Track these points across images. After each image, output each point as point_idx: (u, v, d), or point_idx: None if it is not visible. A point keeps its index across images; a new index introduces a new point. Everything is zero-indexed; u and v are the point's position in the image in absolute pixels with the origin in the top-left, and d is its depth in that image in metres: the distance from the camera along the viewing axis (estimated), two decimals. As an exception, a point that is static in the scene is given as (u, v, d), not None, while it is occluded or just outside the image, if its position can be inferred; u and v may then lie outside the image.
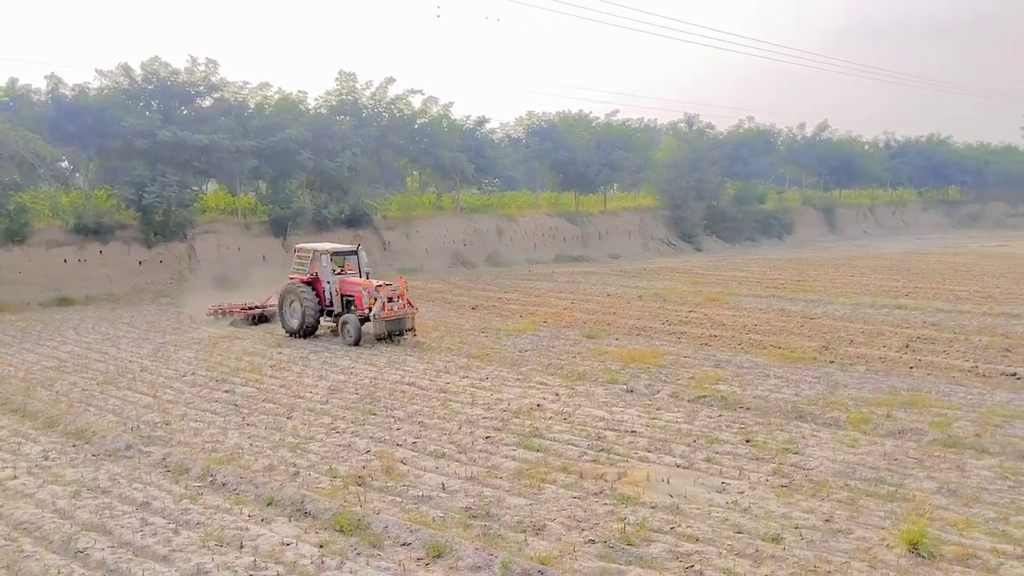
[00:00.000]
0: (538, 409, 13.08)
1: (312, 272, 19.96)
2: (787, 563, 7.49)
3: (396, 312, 18.84)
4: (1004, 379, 14.94)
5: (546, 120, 48.68)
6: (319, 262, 20.02)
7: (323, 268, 19.91)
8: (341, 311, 19.57)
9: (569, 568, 7.42)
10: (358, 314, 18.96)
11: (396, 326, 18.91)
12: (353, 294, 19.45)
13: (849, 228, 63.37)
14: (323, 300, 19.86)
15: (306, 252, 20.42)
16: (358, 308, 19.16)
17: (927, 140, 76.05)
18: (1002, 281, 30.04)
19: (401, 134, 39.72)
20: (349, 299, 19.58)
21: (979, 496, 9.20)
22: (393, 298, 18.78)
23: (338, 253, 20.66)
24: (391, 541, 8.14)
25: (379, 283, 18.99)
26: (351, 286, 19.61)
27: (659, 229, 50.46)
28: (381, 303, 18.56)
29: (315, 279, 19.95)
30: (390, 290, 18.76)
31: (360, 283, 19.43)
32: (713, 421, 12.33)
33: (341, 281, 19.85)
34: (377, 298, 18.59)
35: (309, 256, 20.19)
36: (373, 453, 10.90)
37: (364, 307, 18.92)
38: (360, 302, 19.16)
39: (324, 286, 19.88)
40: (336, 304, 19.72)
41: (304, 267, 20.20)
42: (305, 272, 20.08)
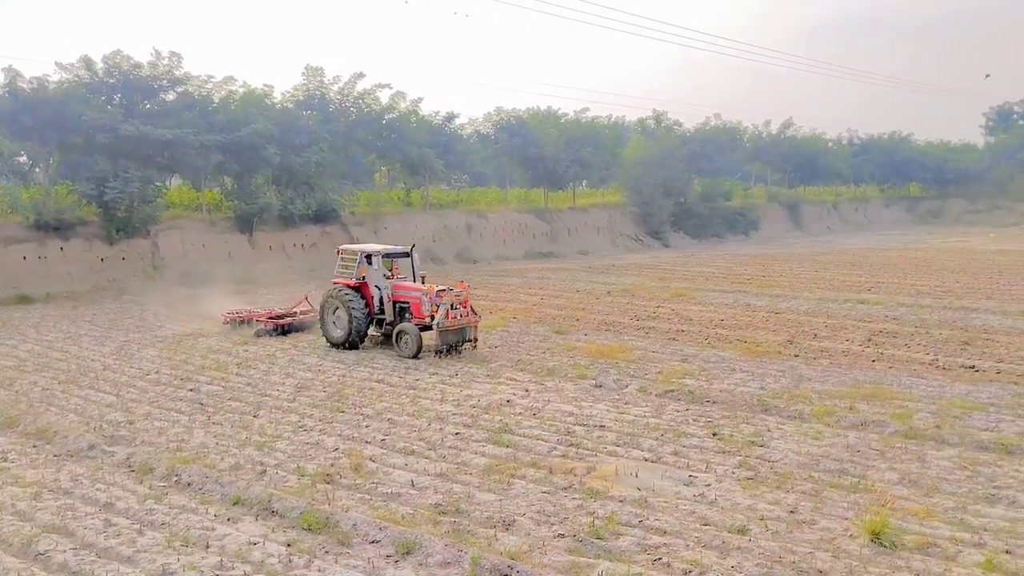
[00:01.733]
0: (508, 405, 13.10)
1: (359, 276, 17.87)
2: (753, 554, 7.60)
3: (459, 321, 16.90)
4: (963, 372, 15.29)
5: (515, 116, 48.69)
6: (368, 265, 17.95)
7: (373, 271, 17.92)
8: (394, 319, 17.58)
9: (539, 563, 7.45)
10: (414, 322, 17.03)
11: (458, 336, 17.01)
12: (408, 300, 17.38)
13: (813, 224, 64.31)
14: (372, 307, 17.86)
15: (352, 253, 18.23)
16: (414, 316, 17.14)
17: (889, 138, 77.43)
18: (961, 276, 30.73)
19: (369, 129, 39.46)
20: (403, 306, 17.53)
21: (939, 486, 9.41)
22: (455, 305, 16.82)
23: (390, 255, 18.38)
24: (360, 539, 8.10)
25: (440, 288, 17.10)
26: (406, 291, 17.55)
27: (627, 225, 50.75)
28: (444, 310, 16.56)
29: (363, 284, 17.88)
30: (453, 296, 16.83)
31: (418, 288, 17.39)
32: (680, 415, 12.45)
33: (393, 286, 17.77)
34: (440, 305, 16.58)
35: (355, 258, 18.01)
36: (341, 451, 10.83)
37: (423, 315, 16.86)
38: (417, 309, 17.07)
39: (372, 291, 17.89)
40: (388, 312, 17.67)
41: (349, 270, 18.06)
42: (351, 276, 17.95)
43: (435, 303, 16.65)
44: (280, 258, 34.21)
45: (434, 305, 16.67)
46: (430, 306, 16.74)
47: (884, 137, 77.34)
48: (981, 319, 20.86)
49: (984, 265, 34.87)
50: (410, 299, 17.34)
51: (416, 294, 17.25)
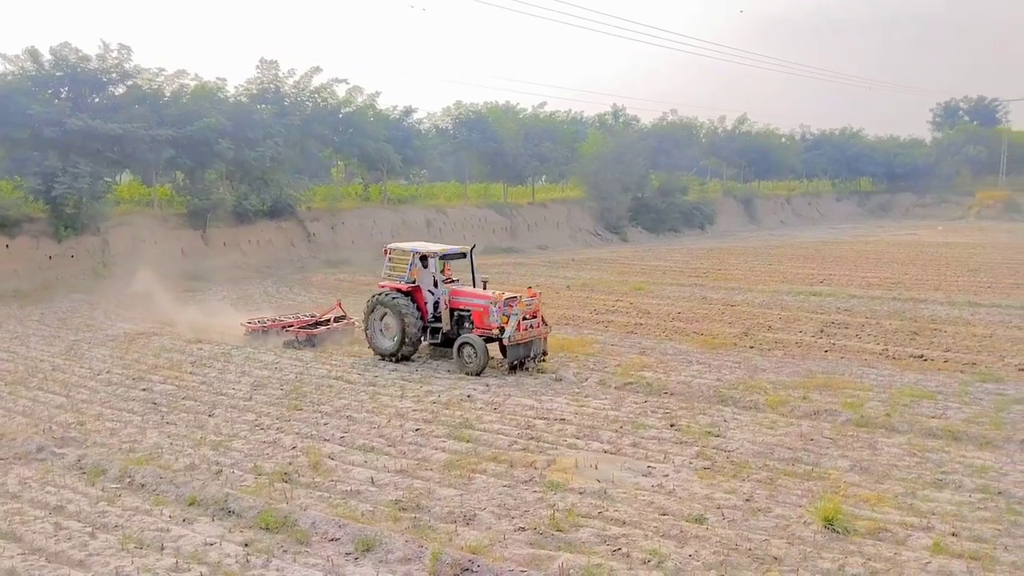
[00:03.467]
0: (468, 400, 13.09)
1: (412, 279, 15.91)
2: (710, 542, 7.72)
3: (530, 332, 15.07)
4: (912, 361, 15.73)
5: (474, 111, 48.60)
6: (423, 267, 16.02)
7: (426, 274, 16.01)
8: (451, 329, 15.74)
9: (499, 556, 7.47)
10: (478, 333, 15.21)
11: (527, 350, 15.09)
12: (470, 308, 15.45)
13: (767, 218, 65.41)
14: (425, 314, 15.95)
15: (403, 254, 16.14)
16: (476, 326, 15.29)
17: (840, 133, 79.13)
18: (910, 268, 31.57)
19: (325, 124, 39.01)
20: (462, 314, 15.63)
21: (889, 473, 9.67)
22: (527, 315, 15.04)
23: (447, 255, 16.35)
24: (319, 537, 8.03)
25: (510, 295, 15.30)
26: (469, 298, 15.61)
27: (586, 220, 51.02)
28: (516, 322, 14.74)
29: (415, 288, 15.94)
30: (524, 305, 15.02)
31: (482, 295, 15.49)
32: (639, 407, 12.58)
33: (452, 291, 15.84)
34: (511, 315, 14.77)
35: (407, 259, 15.95)
36: (299, 449, 10.72)
37: (490, 325, 15.01)
38: (480, 319, 15.21)
39: (426, 296, 16.00)
40: (445, 320, 15.75)
41: (399, 272, 16.08)
42: (402, 279, 15.96)
43: (504, 312, 14.83)
44: (234, 254, 33.66)
45: (504, 315, 14.82)
46: (499, 316, 14.84)
47: (835, 133, 79.03)
48: (929, 310, 21.45)
49: (932, 257, 35.86)
50: (473, 307, 15.39)
51: (481, 302, 15.29)
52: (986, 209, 69.49)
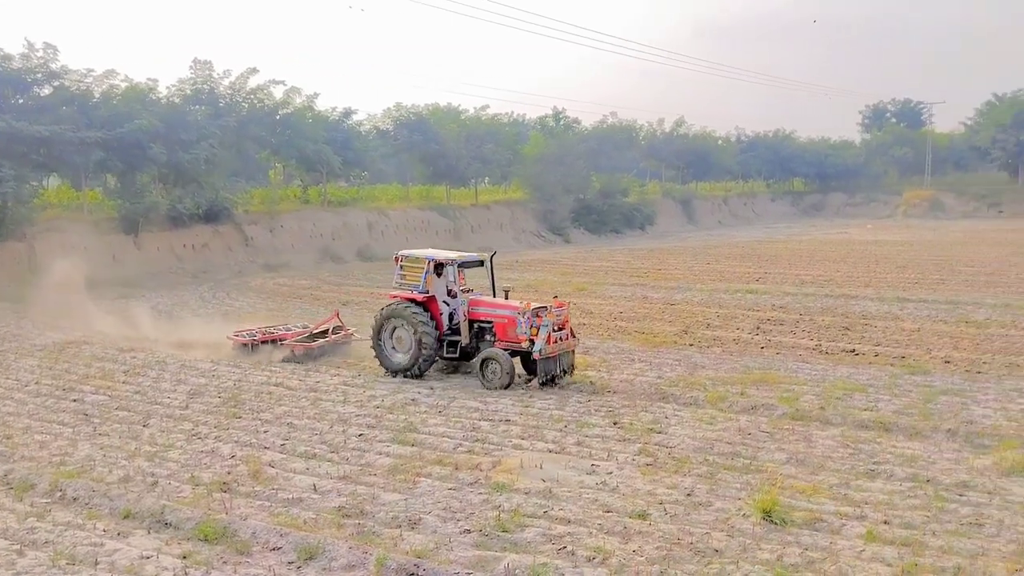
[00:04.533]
0: (412, 404, 13.01)
1: (426, 289, 14.77)
2: (653, 537, 7.83)
3: (560, 345, 14.08)
4: (844, 355, 16.25)
5: (415, 112, 48.40)
6: (437, 275, 14.92)
7: (440, 283, 14.96)
8: (470, 342, 14.73)
9: (445, 559, 7.44)
10: (501, 346, 14.17)
11: (558, 364, 14.12)
12: (492, 320, 14.43)
13: (705, 219, 66.75)
14: (441, 327, 14.85)
15: (416, 261, 14.98)
16: (499, 339, 14.27)
17: (774, 135, 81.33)
18: (842, 266, 32.60)
19: (262, 125, 38.37)
20: (483, 326, 14.61)
21: (824, 464, 9.96)
22: (557, 326, 14.08)
23: (465, 263, 15.24)
24: (260, 547, 7.86)
25: (537, 305, 14.32)
26: (491, 309, 14.61)
27: (529, 222, 51.24)
28: (547, 333, 13.77)
29: (430, 299, 14.83)
30: (553, 316, 14.06)
31: (507, 305, 14.52)
32: (583, 406, 12.69)
33: (471, 302, 14.79)
34: (540, 327, 13.76)
35: (422, 267, 14.74)
36: (239, 458, 10.48)
37: (517, 338, 13.95)
38: (504, 331, 14.17)
39: (441, 308, 14.93)
40: (464, 333, 14.63)
41: (413, 281, 14.86)
42: (416, 288, 14.78)
43: (532, 324, 13.82)
44: (169, 260, 32.78)
45: (533, 327, 13.84)
46: (528, 328, 13.81)
47: (769, 134, 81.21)
48: (860, 306, 22.18)
49: (862, 255, 37.11)
50: (495, 318, 14.37)
51: (506, 312, 14.28)
52: (912, 208, 72.23)
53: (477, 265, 15.46)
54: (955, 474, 9.54)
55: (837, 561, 7.28)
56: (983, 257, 34.93)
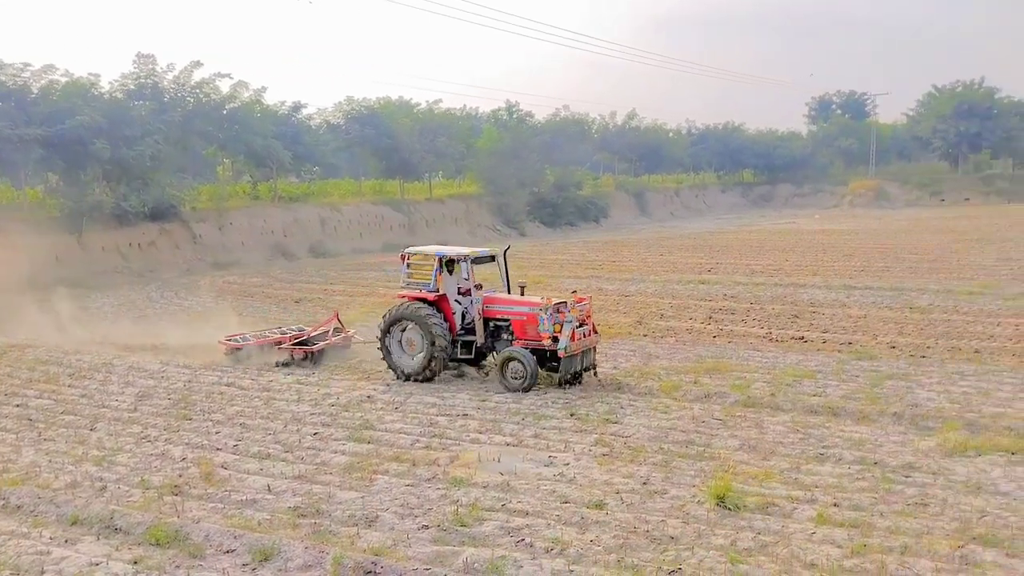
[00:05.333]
0: (368, 401, 12.90)
1: (437, 287, 14.08)
2: (610, 527, 7.91)
3: (583, 342, 13.44)
4: (794, 343, 16.60)
5: (367, 106, 47.90)
6: (448, 272, 14.28)
7: (450, 281, 14.33)
8: (485, 342, 14.11)
9: (403, 556, 7.40)
10: (520, 345, 13.50)
11: (582, 361, 13.54)
12: (509, 317, 13.78)
13: (658, 211, 67.53)
14: (454, 327, 14.13)
15: (425, 258, 14.21)
16: (518, 337, 13.64)
17: (723, 127, 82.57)
18: (790, 255, 33.28)
19: (209, 120, 37.56)
20: (499, 324, 13.98)
21: (775, 450, 10.16)
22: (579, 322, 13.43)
23: (478, 259, 14.52)
24: (213, 550, 7.72)
25: (558, 300, 13.72)
26: (506, 306, 13.91)
27: (485, 216, 51.19)
28: (571, 330, 13.12)
29: (441, 297, 14.13)
30: (577, 311, 13.42)
31: (527, 301, 13.83)
32: (540, 398, 12.73)
33: (486, 299, 14.10)
34: (563, 323, 13.14)
35: (430, 264, 14.05)
36: (190, 460, 10.27)
37: (538, 336, 13.29)
38: (523, 329, 13.54)
39: (453, 306, 14.25)
40: (479, 332, 13.96)
41: (422, 280, 14.13)
42: (426, 287, 14.05)
43: (555, 320, 13.17)
44: (114, 259, 31.94)
45: (555, 323, 13.20)
46: (551, 325, 13.17)
47: (719, 127, 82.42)
48: (808, 294, 22.67)
49: (810, 244, 37.92)
50: (513, 315, 13.75)
51: (524, 309, 13.62)
52: (858, 197, 74.08)
53: (488, 260, 14.72)
54: (901, 456, 9.82)
55: (789, 544, 7.44)
56: (926, 245, 35.98)
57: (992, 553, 7.23)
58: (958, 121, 72.45)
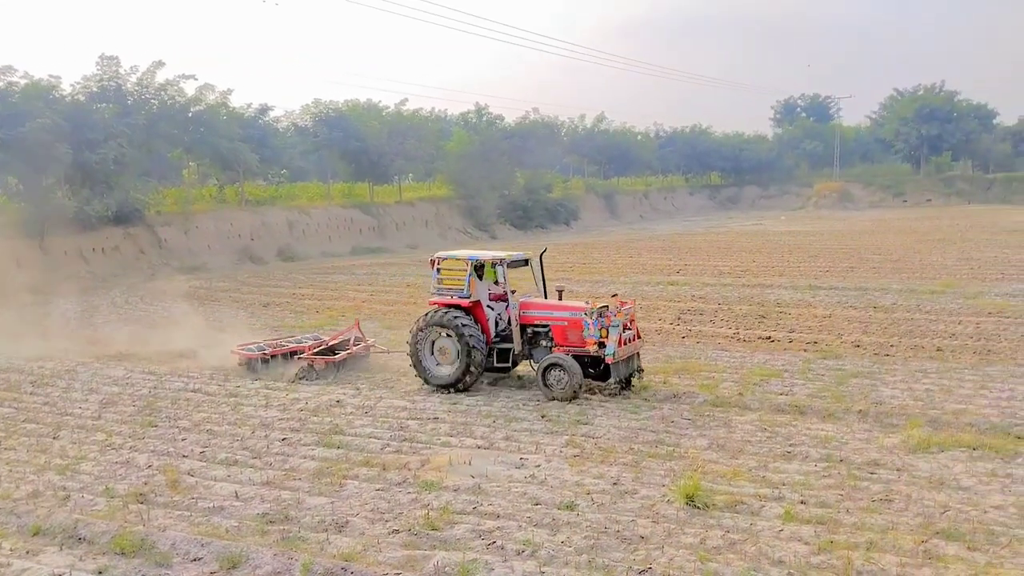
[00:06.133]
0: (338, 405, 12.80)
1: (470, 292, 13.49)
2: (581, 527, 7.93)
3: (630, 347, 13.03)
4: (761, 342, 16.79)
5: (335, 108, 47.59)
6: (479, 277, 13.73)
7: (482, 287, 13.75)
8: (522, 349, 13.52)
9: (373, 561, 7.36)
10: (561, 351, 12.93)
11: (629, 367, 13.11)
12: (549, 323, 13.25)
13: (627, 213, 67.97)
14: (489, 334, 13.57)
15: (457, 263, 13.74)
16: (558, 343, 13.09)
17: (691, 130, 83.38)
18: (757, 256, 33.68)
19: (173, 123, 37.04)
20: (537, 330, 13.46)
21: (743, 448, 10.27)
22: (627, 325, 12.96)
23: (514, 263, 13.92)
24: (180, 558, 7.61)
25: (600, 304, 13.22)
26: (546, 311, 13.38)
27: (455, 219, 51.11)
28: (617, 335, 12.59)
29: (475, 304, 13.57)
30: (623, 315, 12.87)
31: (569, 306, 13.39)
32: (511, 401, 12.74)
33: (523, 304, 13.56)
34: (609, 328, 12.61)
35: (463, 269, 13.51)
36: (156, 467, 10.11)
37: (583, 341, 12.77)
38: (563, 334, 13.01)
39: (486, 312, 13.65)
40: (516, 339, 13.37)
41: (455, 286, 13.57)
42: (459, 294, 13.43)
43: (601, 325, 12.67)
44: (77, 264, 31.36)
45: (601, 328, 12.72)
46: (597, 330, 12.71)
47: (686, 130, 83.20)
48: (775, 294, 22.96)
49: (776, 245, 38.42)
50: (553, 320, 13.23)
51: (566, 314, 13.11)
52: (823, 199, 75.27)
53: (522, 264, 14.12)
54: (866, 453, 9.98)
55: (757, 542, 7.52)
56: (889, 245, 36.64)
57: (954, 547, 7.37)
58: (919, 124, 74.00)
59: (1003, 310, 19.44)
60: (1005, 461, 9.57)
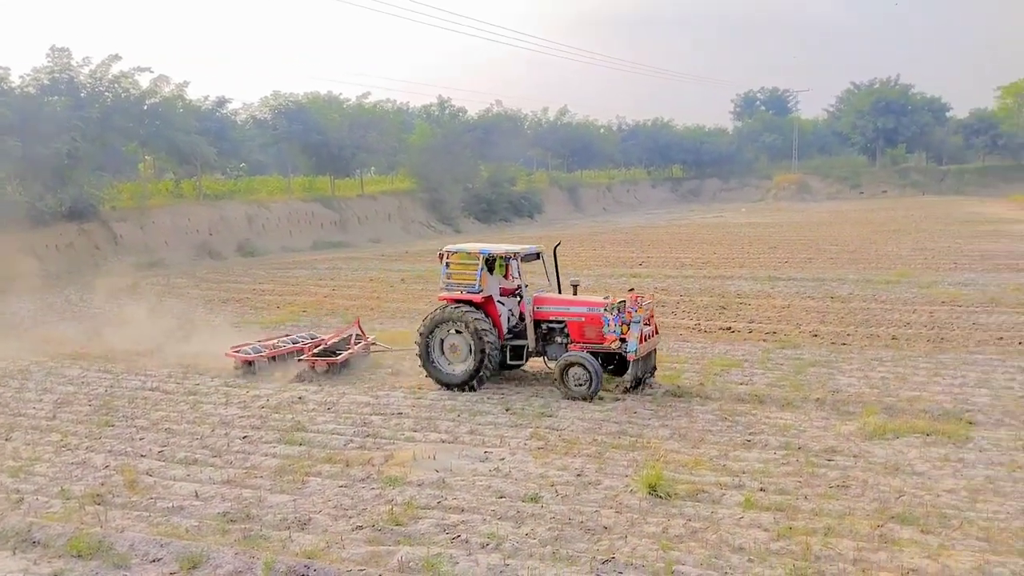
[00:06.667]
0: (300, 402, 12.66)
1: (482, 287, 13.04)
2: (545, 519, 7.96)
3: (650, 343, 12.69)
4: (722, 333, 17.01)
5: (294, 101, 46.98)
6: (490, 271, 13.26)
7: (492, 281, 13.23)
8: (536, 346, 13.14)
9: (337, 557, 7.30)
10: (577, 348, 12.59)
11: (648, 364, 12.80)
12: (564, 318, 12.92)
13: (591, 206, 68.30)
14: (502, 331, 13.11)
15: (467, 257, 13.21)
16: (575, 340, 12.76)
17: (653, 123, 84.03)
18: (718, 248, 34.09)
19: (128, 116, 36.23)
20: (553, 327, 13.10)
21: (704, 438, 10.40)
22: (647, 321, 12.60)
23: (529, 256, 13.70)
24: (139, 559, 7.47)
25: (620, 299, 12.77)
26: (561, 306, 13.04)
27: (419, 212, 50.85)
28: (639, 331, 12.23)
29: (488, 299, 13.12)
30: (644, 310, 12.49)
31: (586, 301, 13.08)
32: (476, 395, 12.71)
33: (537, 299, 13.24)
34: (631, 324, 12.26)
35: (474, 263, 13.02)
36: (113, 468, 9.90)
37: (602, 337, 12.43)
38: (580, 331, 12.70)
39: (498, 308, 13.20)
40: (530, 336, 13.02)
41: (465, 281, 13.07)
42: (470, 289, 12.98)
43: (621, 320, 12.27)
44: (29, 262, 30.42)
45: (622, 323, 12.30)
46: (617, 326, 12.32)
47: (648, 123, 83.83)
48: (735, 285, 23.27)
49: (737, 237, 38.92)
50: (570, 316, 12.87)
51: (583, 310, 12.77)
52: (782, 191, 76.46)
53: (534, 258, 13.80)
54: (824, 440, 10.17)
55: (718, 530, 7.63)
56: (846, 236, 37.35)
57: (909, 531, 7.56)
58: (875, 117, 75.51)
59: (956, 299, 19.96)
60: (957, 446, 9.83)
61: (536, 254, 13.74)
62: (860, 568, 6.87)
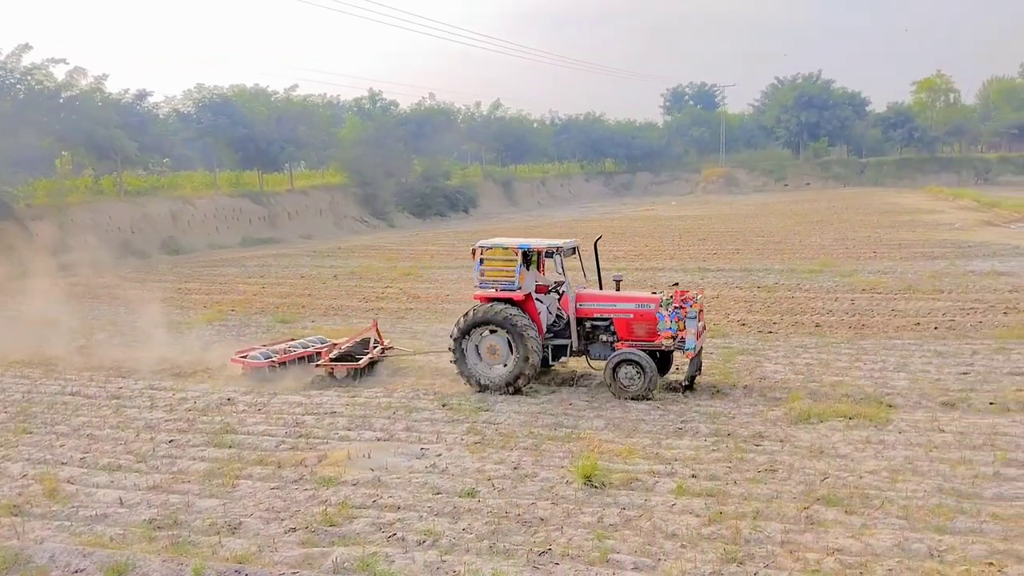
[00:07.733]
0: (229, 403, 12.34)
1: (520, 284, 12.36)
2: (482, 514, 7.96)
3: (701, 339, 12.39)
4: (654, 324, 17.24)
5: (219, 94, 45.70)
6: (527, 267, 12.62)
7: (529, 278, 12.60)
8: (579, 344, 12.60)
9: (269, 561, 7.15)
10: (625, 346, 12.07)
11: (699, 361, 12.41)
12: (611, 315, 12.39)
13: (526, 200, 68.50)
14: (542, 329, 12.45)
15: (504, 253, 12.51)
16: (623, 338, 12.22)
17: (585, 118, 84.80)
18: (649, 240, 34.65)
19: (42, 109, 34.64)
20: (597, 324, 12.57)
21: (638, 427, 10.57)
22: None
23: (569, 250, 13.24)
24: (60, 571, 7.16)
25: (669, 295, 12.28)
26: (609, 303, 12.51)
27: (351, 207, 50.12)
28: (695, 328, 11.77)
29: (527, 298, 12.46)
30: (698, 306, 12.01)
31: (636, 297, 12.64)
32: (412, 391, 12.63)
33: (579, 296, 12.68)
34: (686, 320, 11.75)
35: (511, 259, 12.36)
36: (31, 476, 9.47)
37: (655, 335, 12.01)
38: (629, 328, 12.21)
39: (538, 307, 12.51)
40: (573, 334, 12.51)
41: (502, 277, 12.41)
42: (509, 286, 12.33)
43: (677, 316, 11.81)
44: (-63, 263, 28.90)
45: (678, 320, 11.85)
46: (672, 323, 11.87)
47: (581, 117, 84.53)
48: (666, 277, 23.66)
49: (667, 230, 39.63)
50: (617, 313, 12.36)
51: (633, 306, 12.27)
52: (710, 184, 78.14)
53: (570, 253, 13.25)
54: (752, 426, 10.45)
55: (652, 517, 7.76)
56: (772, 227, 38.43)
57: (834, 512, 7.82)
58: (799, 111, 77.84)
59: (875, 287, 20.76)
60: (878, 428, 10.22)
61: (573, 249, 13.23)
62: (788, 549, 7.09)
